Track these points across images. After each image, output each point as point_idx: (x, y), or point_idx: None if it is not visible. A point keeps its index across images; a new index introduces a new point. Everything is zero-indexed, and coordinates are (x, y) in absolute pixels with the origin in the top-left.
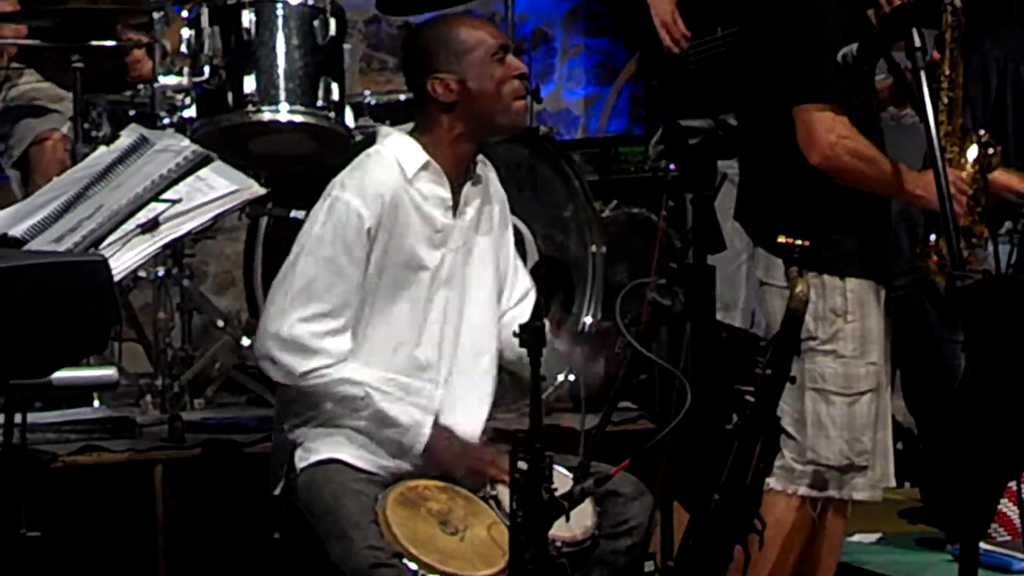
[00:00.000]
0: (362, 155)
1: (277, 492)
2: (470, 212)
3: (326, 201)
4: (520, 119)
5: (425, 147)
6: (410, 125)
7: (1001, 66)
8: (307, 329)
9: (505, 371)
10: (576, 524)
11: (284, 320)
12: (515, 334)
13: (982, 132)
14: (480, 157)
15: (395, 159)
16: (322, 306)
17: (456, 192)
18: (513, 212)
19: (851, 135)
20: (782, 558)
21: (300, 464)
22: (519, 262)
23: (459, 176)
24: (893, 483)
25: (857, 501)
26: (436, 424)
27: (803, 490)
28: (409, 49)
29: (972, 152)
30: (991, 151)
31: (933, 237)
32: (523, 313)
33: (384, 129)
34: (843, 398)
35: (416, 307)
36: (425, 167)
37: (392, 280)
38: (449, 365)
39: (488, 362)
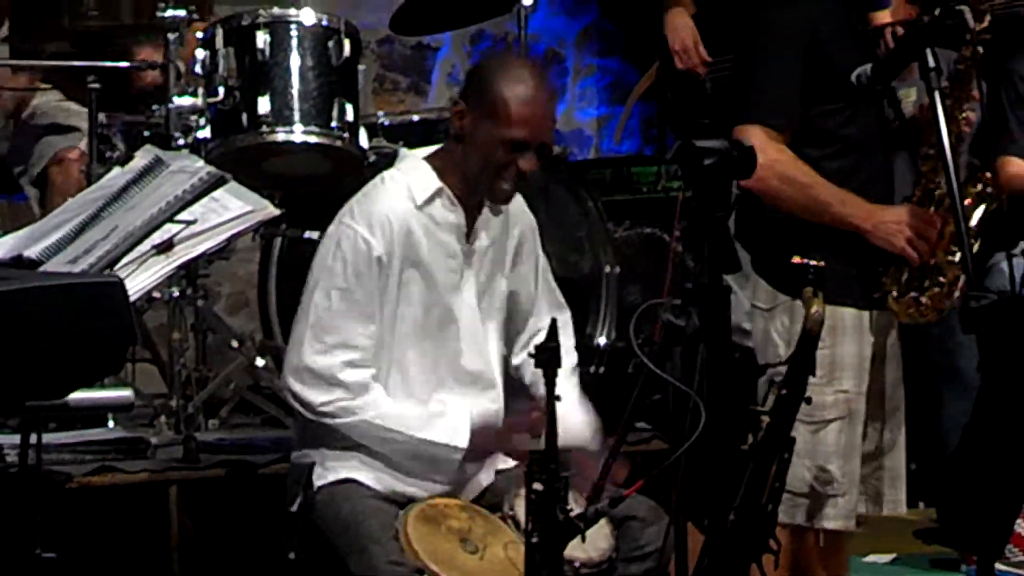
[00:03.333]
0: (375, 179)
1: (294, 509)
2: (484, 239)
3: (337, 229)
4: (497, 200)
5: (440, 172)
6: (430, 149)
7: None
8: (325, 361)
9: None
10: (594, 546)
11: (302, 353)
12: (530, 355)
13: (988, 175)
14: None
15: (406, 185)
16: (338, 337)
17: (471, 218)
18: None
19: (783, 159)
20: None
21: (319, 482)
22: (548, 293)
23: (474, 202)
24: (904, 510)
25: (828, 531)
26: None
27: None
28: (475, 65)
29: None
30: (989, 190)
31: (892, 272)
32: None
33: (403, 152)
34: (807, 425)
35: (439, 332)
36: (438, 194)
37: (413, 309)
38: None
39: (494, 395)
